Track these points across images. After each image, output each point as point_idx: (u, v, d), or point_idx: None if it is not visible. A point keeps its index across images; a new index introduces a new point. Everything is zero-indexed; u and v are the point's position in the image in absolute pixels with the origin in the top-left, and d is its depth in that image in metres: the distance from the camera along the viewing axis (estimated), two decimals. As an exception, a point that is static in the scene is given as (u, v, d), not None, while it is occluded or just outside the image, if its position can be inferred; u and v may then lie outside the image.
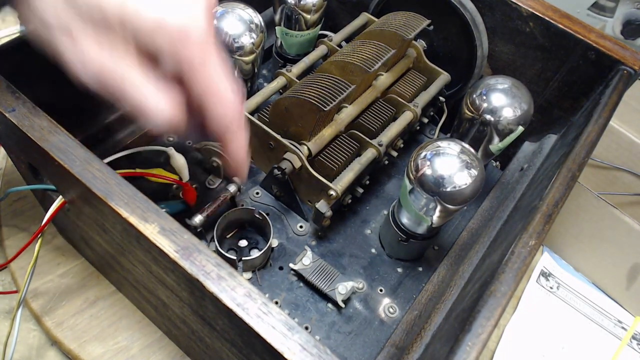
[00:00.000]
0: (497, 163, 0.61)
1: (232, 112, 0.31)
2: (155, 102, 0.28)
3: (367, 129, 0.51)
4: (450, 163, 0.40)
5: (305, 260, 0.47)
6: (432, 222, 0.44)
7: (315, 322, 0.46)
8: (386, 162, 0.54)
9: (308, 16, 0.55)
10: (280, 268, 0.48)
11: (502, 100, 0.47)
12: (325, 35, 0.57)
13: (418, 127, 0.59)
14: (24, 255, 0.40)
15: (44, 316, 0.48)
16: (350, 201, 0.51)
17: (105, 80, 0.27)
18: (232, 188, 0.48)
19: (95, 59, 0.26)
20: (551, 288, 0.62)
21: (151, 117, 0.28)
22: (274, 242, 0.49)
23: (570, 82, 0.52)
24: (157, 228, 0.28)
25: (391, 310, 0.47)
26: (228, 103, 0.30)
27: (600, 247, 0.62)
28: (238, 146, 0.33)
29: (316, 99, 0.44)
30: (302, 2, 0.54)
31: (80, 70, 0.27)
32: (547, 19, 0.50)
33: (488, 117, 0.48)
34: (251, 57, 0.49)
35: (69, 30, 0.26)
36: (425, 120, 0.58)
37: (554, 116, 0.55)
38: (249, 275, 0.47)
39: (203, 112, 0.30)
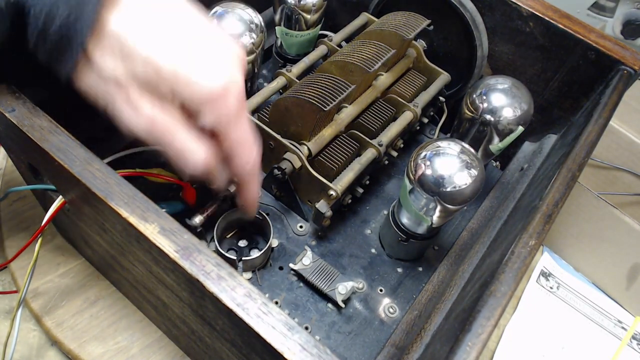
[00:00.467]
0: (497, 163, 0.61)
1: (254, 160, 0.35)
2: (195, 150, 0.31)
3: (367, 129, 0.51)
4: (450, 163, 0.40)
5: (305, 260, 0.47)
6: (432, 222, 0.44)
7: (315, 322, 0.46)
8: (386, 162, 0.54)
9: (308, 16, 0.55)
10: (280, 268, 0.48)
11: (502, 100, 0.47)
12: (325, 35, 0.57)
13: (418, 127, 0.59)
14: (24, 255, 0.40)
15: (44, 316, 0.48)
16: (350, 201, 0.51)
17: (155, 132, 0.30)
18: (232, 188, 0.48)
19: (147, 114, 0.29)
20: (551, 288, 0.62)
21: (191, 163, 0.31)
22: (274, 242, 0.49)
23: (570, 82, 0.52)
24: (157, 228, 0.28)
25: (391, 310, 0.47)
26: (253, 153, 0.35)
27: (600, 247, 0.62)
28: (253, 189, 0.38)
29: (316, 99, 0.44)
30: (302, 2, 0.54)
31: (132, 122, 0.30)
32: (547, 19, 0.50)
33: (488, 117, 0.48)
34: (251, 57, 0.49)
35: (126, 87, 0.29)
36: (425, 120, 0.58)
37: (554, 116, 0.55)
38: (249, 275, 0.47)
39: (230, 160, 0.34)
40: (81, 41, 0.28)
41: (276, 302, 0.46)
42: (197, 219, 0.45)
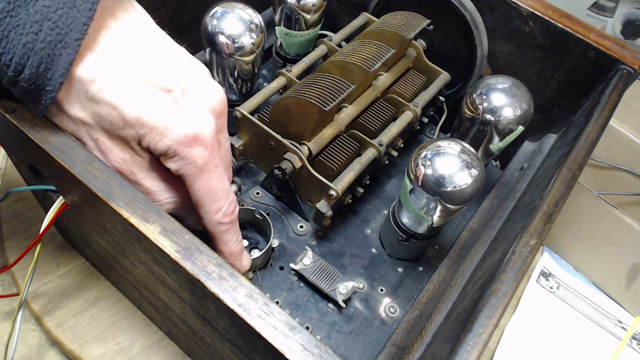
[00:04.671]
0: (497, 162, 0.61)
1: (225, 213, 0.34)
2: (159, 195, 0.33)
3: (367, 128, 0.51)
4: (450, 163, 0.40)
5: (306, 260, 0.47)
6: (432, 222, 0.44)
7: (316, 322, 0.46)
8: (386, 161, 0.54)
9: (308, 16, 0.55)
10: (281, 268, 0.48)
11: (502, 100, 0.47)
12: (325, 35, 0.57)
13: (418, 127, 0.59)
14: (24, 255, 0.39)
15: (44, 317, 0.48)
16: (350, 201, 0.51)
17: (123, 175, 0.32)
18: (232, 188, 0.48)
19: (112, 159, 0.31)
20: (551, 288, 0.62)
21: (157, 205, 0.31)
22: (275, 242, 0.49)
23: (570, 81, 0.52)
24: (158, 228, 0.28)
25: (392, 309, 0.47)
26: (221, 205, 0.33)
27: (600, 247, 0.62)
28: (227, 242, 0.36)
29: (316, 99, 0.44)
30: (302, 2, 0.54)
31: (104, 161, 0.31)
32: (547, 18, 0.50)
33: (488, 116, 0.48)
34: (251, 57, 0.49)
35: (95, 132, 0.30)
36: (425, 120, 0.58)
37: (554, 116, 0.55)
38: (249, 275, 0.47)
39: (197, 208, 0.34)
40: (51, 93, 0.28)
41: (277, 302, 0.46)
42: (198, 219, 0.45)
